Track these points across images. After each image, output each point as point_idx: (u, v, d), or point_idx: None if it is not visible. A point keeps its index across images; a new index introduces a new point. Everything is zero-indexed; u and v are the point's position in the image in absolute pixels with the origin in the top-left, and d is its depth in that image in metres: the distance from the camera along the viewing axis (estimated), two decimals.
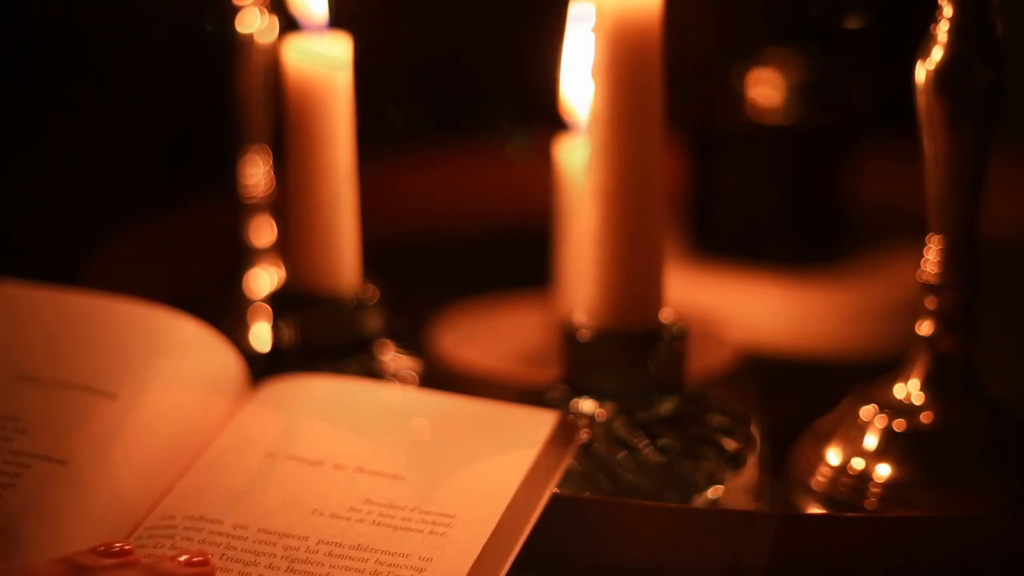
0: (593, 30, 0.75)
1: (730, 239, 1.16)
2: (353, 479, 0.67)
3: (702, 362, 0.90)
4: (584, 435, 0.72)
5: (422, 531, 0.64)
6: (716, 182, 1.19)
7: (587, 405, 0.77)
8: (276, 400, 0.73)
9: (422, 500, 0.65)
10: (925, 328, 0.76)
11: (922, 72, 0.73)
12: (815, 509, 0.76)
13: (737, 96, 1.17)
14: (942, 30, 0.73)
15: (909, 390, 0.77)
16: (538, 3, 0.95)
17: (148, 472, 0.67)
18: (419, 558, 0.62)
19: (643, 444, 0.75)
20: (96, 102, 1.32)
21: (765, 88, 1.16)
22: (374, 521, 0.64)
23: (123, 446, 0.66)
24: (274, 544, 0.63)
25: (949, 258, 0.75)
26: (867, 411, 0.77)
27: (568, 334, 0.78)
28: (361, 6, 0.88)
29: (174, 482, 0.67)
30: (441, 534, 0.64)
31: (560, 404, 0.77)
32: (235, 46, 1.02)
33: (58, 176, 1.29)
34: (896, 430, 0.76)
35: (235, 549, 0.63)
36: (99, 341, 0.71)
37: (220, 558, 0.62)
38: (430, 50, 1.47)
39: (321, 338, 0.84)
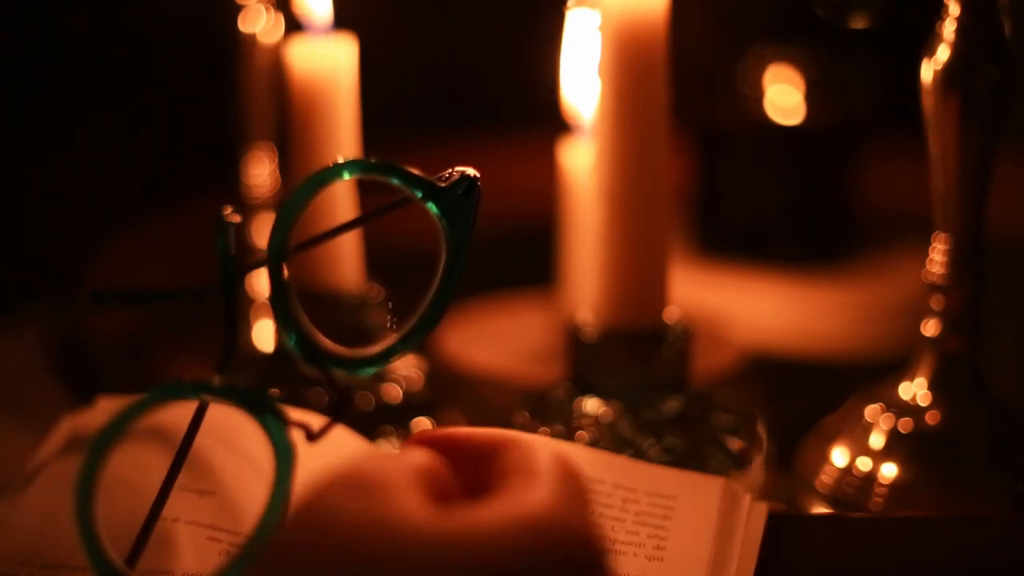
0: (599, 30, 0.75)
1: (736, 238, 1.16)
2: None
3: (707, 361, 0.90)
4: None
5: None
6: (722, 181, 1.19)
7: (592, 404, 0.77)
8: None
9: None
10: (931, 328, 0.76)
11: (928, 71, 0.73)
12: (820, 509, 0.76)
13: (743, 95, 1.17)
14: (948, 29, 0.73)
15: (915, 390, 0.76)
16: (541, 3, 0.94)
17: None
18: None
19: (648, 444, 0.75)
20: (100, 101, 1.32)
21: (771, 87, 1.16)
22: None
23: None
24: None
25: (955, 258, 0.74)
26: (873, 411, 0.77)
27: (573, 333, 0.78)
28: (365, 6, 0.88)
29: None
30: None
31: (565, 403, 0.77)
32: (238, 45, 1.02)
33: (62, 175, 1.29)
34: (901, 430, 0.76)
35: None
36: None
37: None
38: (434, 50, 1.47)
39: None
